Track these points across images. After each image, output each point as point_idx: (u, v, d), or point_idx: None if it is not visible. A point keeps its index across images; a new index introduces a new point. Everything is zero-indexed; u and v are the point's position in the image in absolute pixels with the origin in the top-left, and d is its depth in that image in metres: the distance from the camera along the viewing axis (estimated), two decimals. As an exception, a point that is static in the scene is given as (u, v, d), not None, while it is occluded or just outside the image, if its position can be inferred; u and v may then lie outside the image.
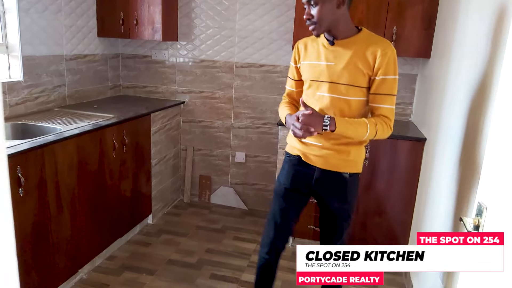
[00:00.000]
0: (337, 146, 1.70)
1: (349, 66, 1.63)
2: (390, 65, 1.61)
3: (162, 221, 3.34)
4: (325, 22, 1.60)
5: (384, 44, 1.63)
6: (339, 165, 1.74)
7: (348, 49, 1.64)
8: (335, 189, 1.77)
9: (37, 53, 2.70)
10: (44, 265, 2.11)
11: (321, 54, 1.70)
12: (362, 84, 1.64)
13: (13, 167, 1.84)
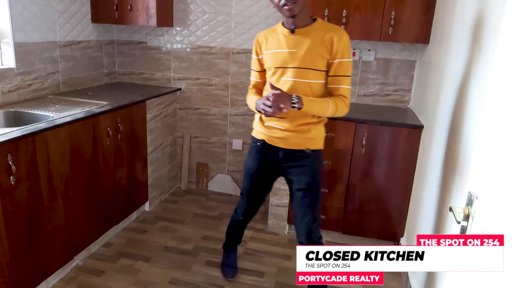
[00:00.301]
0: (297, 127, 1.88)
1: (310, 52, 1.80)
2: (345, 49, 1.80)
3: (159, 208, 3.34)
4: (301, 2, 1.74)
5: (339, 31, 1.83)
6: (301, 143, 1.91)
7: (308, 37, 1.81)
8: (300, 165, 1.94)
9: (29, 40, 2.66)
10: (39, 252, 2.11)
11: (282, 43, 1.85)
12: (322, 67, 1.82)
13: (3, 155, 1.82)
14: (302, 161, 1.93)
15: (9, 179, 1.86)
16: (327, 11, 2.76)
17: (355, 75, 3.15)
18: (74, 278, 2.38)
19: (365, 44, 3.06)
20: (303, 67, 1.81)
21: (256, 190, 2.17)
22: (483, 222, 0.96)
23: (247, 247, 2.79)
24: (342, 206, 2.81)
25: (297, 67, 1.82)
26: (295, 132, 1.89)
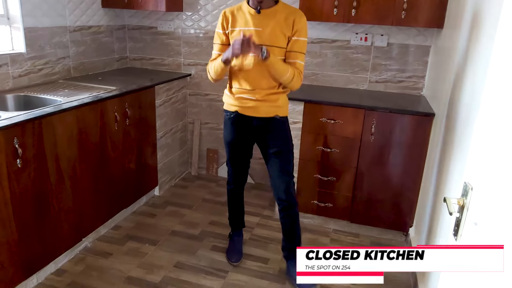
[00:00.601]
0: (267, 96, 2.09)
1: (274, 31, 2.00)
2: (303, 29, 2.03)
3: (169, 193, 3.37)
4: None
5: (299, 12, 2.06)
6: (271, 111, 2.13)
7: (272, 17, 2.01)
8: (272, 130, 2.16)
9: (39, 25, 2.68)
10: (47, 233, 2.16)
11: (249, 21, 2.04)
12: (283, 45, 2.02)
13: (9, 139, 1.86)
14: (274, 127, 2.15)
15: (15, 162, 1.90)
16: (337, -6, 2.68)
17: (367, 60, 3.07)
18: (83, 259, 2.43)
19: (378, 29, 2.97)
20: (268, 44, 1.99)
21: (238, 157, 2.34)
22: (476, 213, 0.92)
23: (254, 233, 2.80)
24: (350, 195, 2.78)
25: (262, 44, 1.98)
26: (265, 101, 2.10)
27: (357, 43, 3.06)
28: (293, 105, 2.73)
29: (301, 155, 2.81)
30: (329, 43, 3.13)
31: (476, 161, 0.98)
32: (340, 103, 2.64)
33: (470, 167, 0.99)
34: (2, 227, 1.88)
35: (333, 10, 2.71)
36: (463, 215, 0.96)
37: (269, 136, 2.17)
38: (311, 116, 2.71)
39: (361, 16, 2.69)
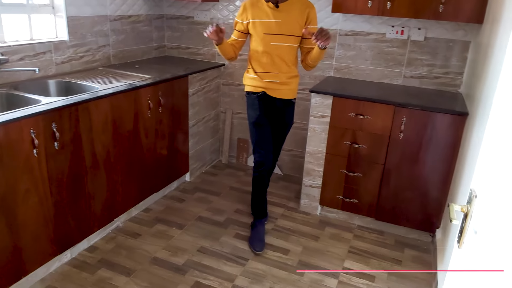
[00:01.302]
0: (287, 80, 2.45)
1: (291, 21, 2.34)
2: (315, 19, 2.40)
3: (199, 179, 3.48)
4: None
5: (310, 4, 2.38)
6: (288, 94, 2.50)
7: (289, 10, 2.34)
8: (287, 111, 2.56)
9: (81, 14, 2.83)
10: (81, 212, 2.32)
11: (269, 14, 2.35)
12: (299, 34, 2.37)
13: (48, 123, 2.00)
14: (289, 108, 2.55)
15: (53, 145, 2.05)
16: (373, -14, 2.61)
17: (402, 55, 2.99)
18: (114, 238, 2.59)
19: (415, 22, 2.87)
20: (286, 33, 2.35)
21: (265, 136, 2.53)
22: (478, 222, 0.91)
23: (277, 224, 2.84)
24: (377, 192, 2.74)
25: (282, 33, 2.35)
26: (285, 84, 2.46)
27: (393, 36, 2.97)
28: (321, 99, 2.72)
29: (328, 149, 2.80)
30: (364, 36, 3.06)
31: (483, 168, 0.96)
32: (369, 98, 2.60)
33: (477, 174, 0.97)
34: (40, 204, 2.04)
35: (368, 2, 2.66)
36: (466, 223, 0.95)
37: (284, 115, 2.56)
38: (340, 110, 2.69)
39: (396, 9, 2.61)
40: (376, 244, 2.68)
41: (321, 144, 2.82)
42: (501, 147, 0.89)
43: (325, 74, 3.27)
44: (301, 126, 3.46)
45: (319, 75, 3.28)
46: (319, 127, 2.79)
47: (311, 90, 2.75)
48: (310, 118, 2.80)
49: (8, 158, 1.83)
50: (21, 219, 1.96)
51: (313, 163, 2.88)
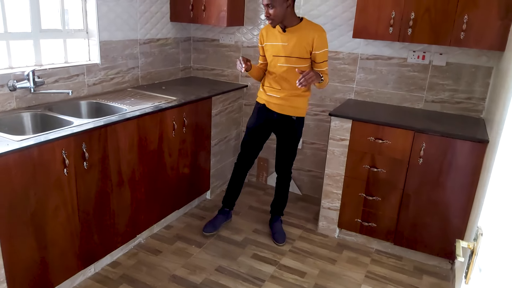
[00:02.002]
0: (288, 97, 2.63)
1: (297, 45, 2.51)
2: (323, 43, 2.52)
3: (219, 197, 3.55)
4: (278, 18, 2.46)
5: (319, 29, 2.52)
6: (289, 111, 2.67)
7: (295, 34, 2.51)
8: (286, 127, 2.71)
9: (113, 38, 2.99)
10: (106, 228, 2.42)
11: (278, 38, 2.57)
12: (306, 56, 2.54)
13: (79, 143, 2.12)
14: (289, 124, 2.70)
15: (83, 164, 2.17)
16: (393, 13, 2.66)
17: (423, 79, 3.00)
18: (135, 254, 2.67)
19: (437, 47, 2.89)
20: (292, 56, 2.54)
21: (252, 142, 2.84)
22: (483, 260, 0.93)
23: (294, 246, 2.87)
24: (395, 216, 2.74)
25: (288, 56, 2.55)
26: (285, 100, 2.63)
27: (414, 61, 3.00)
28: (341, 122, 2.76)
29: (347, 172, 2.82)
30: (385, 60, 3.10)
31: (491, 204, 0.98)
32: (388, 123, 2.62)
33: (484, 210, 0.99)
34: (67, 221, 2.15)
35: (389, 28, 2.70)
36: (472, 260, 0.97)
37: (283, 129, 2.73)
38: (359, 134, 2.72)
39: (417, 36, 2.65)
40: (394, 270, 2.66)
41: (340, 167, 2.84)
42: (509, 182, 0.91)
43: (346, 96, 3.30)
44: (321, 147, 3.50)
45: (340, 98, 3.32)
46: (338, 150, 2.82)
47: (330, 113, 2.79)
48: (330, 141, 2.84)
49: (41, 177, 1.96)
50: (50, 235, 2.07)
51: (332, 185, 2.90)
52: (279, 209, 3.01)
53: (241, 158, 2.93)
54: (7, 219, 1.84)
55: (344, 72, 3.26)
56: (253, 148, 2.88)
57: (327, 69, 2.60)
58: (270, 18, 2.46)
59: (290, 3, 2.45)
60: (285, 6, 2.43)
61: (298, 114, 2.69)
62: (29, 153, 1.88)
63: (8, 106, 2.36)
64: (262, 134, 2.84)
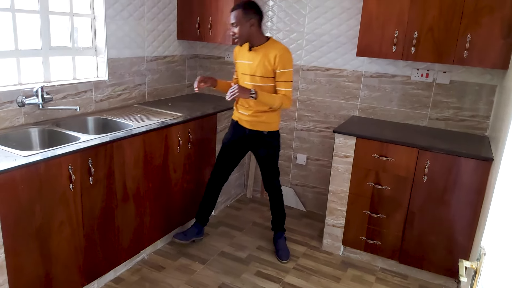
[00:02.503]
0: (256, 114, 2.68)
1: (260, 63, 2.55)
2: (285, 63, 2.52)
3: (223, 213, 3.55)
4: (243, 37, 2.54)
5: (282, 48, 2.55)
6: (259, 126, 2.71)
7: (260, 53, 2.56)
8: (259, 142, 2.76)
9: (121, 56, 3.05)
10: (109, 244, 2.43)
11: (245, 56, 2.64)
12: (269, 75, 2.56)
13: (85, 159, 2.15)
14: (261, 138, 2.73)
15: (88, 180, 2.19)
16: (397, 32, 2.70)
17: (427, 97, 3.01)
18: (139, 270, 2.67)
19: (440, 65, 2.91)
20: (256, 74, 2.59)
21: (227, 157, 2.89)
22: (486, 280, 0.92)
23: (298, 263, 2.85)
24: (400, 234, 2.72)
25: (252, 74, 2.60)
26: (255, 117, 2.68)
27: (417, 79, 3.02)
28: (345, 139, 2.77)
29: (351, 189, 2.82)
30: (389, 78, 3.12)
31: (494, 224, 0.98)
32: (392, 140, 2.62)
33: (488, 230, 0.99)
34: (72, 236, 2.16)
35: (392, 47, 2.73)
36: (475, 280, 0.97)
37: (257, 144, 2.78)
38: (363, 151, 2.73)
39: (420, 54, 2.67)
40: (399, 289, 2.63)
41: (345, 184, 2.84)
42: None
43: (350, 113, 3.32)
44: (325, 163, 3.50)
45: (344, 115, 3.34)
46: (343, 167, 2.83)
47: (334, 130, 2.81)
48: (334, 158, 2.85)
49: (47, 192, 1.98)
50: (54, 250, 2.08)
51: (336, 202, 2.90)
52: (279, 225, 2.99)
53: (214, 174, 2.95)
54: (13, 233, 1.86)
55: (348, 89, 3.29)
56: (227, 164, 2.91)
57: (286, 91, 2.56)
58: (234, 37, 2.54)
59: (254, 22, 2.50)
60: (248, 25, 2.49)
61: (269, 129, 2.72)
62: (36, 169, 1.91)
63: (17, 121, 2.40)
64: (236, 151, 2.87)
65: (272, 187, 2.89)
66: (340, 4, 3.18)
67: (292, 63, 2.58)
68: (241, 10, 2.48)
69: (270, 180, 2.87)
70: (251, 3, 2.52)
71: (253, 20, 2.49)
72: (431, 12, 2.59)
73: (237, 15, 2.48)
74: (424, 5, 2.60)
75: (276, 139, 2.79)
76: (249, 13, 2.48)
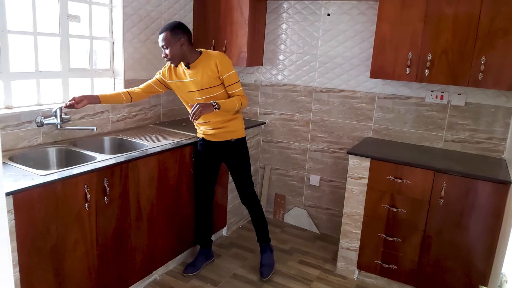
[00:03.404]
0: (220, 125, 2.67)
1: (204, 76, 2.55)
2: (226, 66, 2.55)
3: (236, 234, 3.52)
4: (176, 57, 2.52)
5: (218, 55, 2.57)
6: (225, 136, 2.71)
7: (199, 67, 2.56)
8: (229, 150, 2.75)
9: (137, 77, 3.11)
10: (122, 264, 2.42)
11: (186, 75, 2.61)
12: (217, 83, 2.58)
13: (101, 179, 2.17)
14: (230, 147, 2.73)
15: (103, 199, 2.21)
16: (410, 54, 2.71)
17: (442, 119, 2.99)
18: (150, 291, 2.65)
19: (455, 87, 2.90)
20: (204, 87, 2.57)
21: (203, 174, 2.88)
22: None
23: (312, 286, 2.79)
24: (417, 259, 2.66)
25: (200, 88, 2.58)
26: (220, 128, 2.69)
27: (432, 100, 3.00)
28: (359, 161, 2.75)
29: (365, 212, 2.78)
30: (403, 100, 3.12)
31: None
32: (408, 162, 2.60)
33: (508, 257, 0.97)
34: (86, 255, 2.17)
35: (406, 69, 2.74)
36: (498, 309, 0.94)
37: (226, 155, 2.77)
38: (378, 173, 2.70)
39: (434, 76, 2.67)
40: (416, 315, 2.55)
41: (359, 206, 2.81)
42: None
43: (364, 135, 3.31)
44: (339, 185, 3.47)
45: (358, 136, 3.33)
46: (357, 189, 2.80)
47: (349, 151, 2.80)
48: (348, 179, 2.82)
49: (62, 211, 2.00)
50: (68, 269, 2.08)
51: (350, 224, 2.86)
52: (264, 236, 2.96)
53: (198, 195, 2.93)
54: (28, 252, 1.87)
55: (361, 110, 3.29)
56: (206, 181, 2.89)
57: (239, 91, 2.61)
58: (168, 59, 2.52)
59: (184, 41, 2.49)
60: (179, 45, 2.48)
61: (236, 136, 2.73)
62: (53, 188, 1.94)
63: (35, 141, 2.45)
64: (210, 166, 2.85)
65: (250, 197, 2.86)
66: (353, 27, 3.21)
67: (231, 64, 2.59)
68: (168, 32, 2.46)
69: (246, 190, 2.84)
70: (178, 24, 2.51)
71: (182, 39, 2.48)
72: (444, 35, 2.60)
73: (166, 37, 2.46)
74: (437, 28, 2.62)
75: (245, 145, 2.80)
76: (177, 33, 2.47)
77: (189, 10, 3.52)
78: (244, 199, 2.87)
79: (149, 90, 2.74)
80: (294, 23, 3.47)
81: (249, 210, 2.91)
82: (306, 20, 3.41)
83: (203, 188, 2.90)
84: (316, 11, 3.35)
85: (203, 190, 2.91)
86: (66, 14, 2.61)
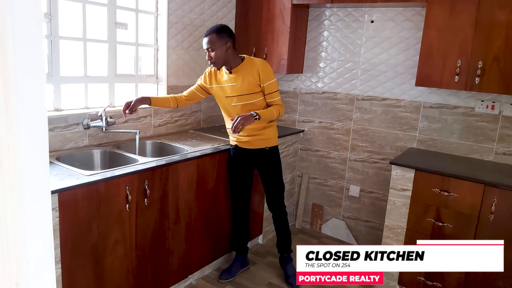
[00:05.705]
0: (254, 132, 2.65)
1: (245, 82, 2.54)
2: (268, 75, 2.54)
3: (271, 242, 3.48)
4: (220, 60, 2.51)
5: (261, 63, 2.56)
6: (259, 144, 2.69)
7: (240, 72, 2.55)
8: (263, 158, 2.73)
9: (180, 84, 3.17)
10: (159, 266, 2.45)
11: (226, 80, 2.60)
12: (256, 90, 2.56)
13: (142, 181, 2.22)
14: (263, 156, 2.71)
15: (143, 201, 2.25)
16: (459, 61, 2.59)
17: (493, 130, 2.83)
18: (186, 295, 2.66)
19: (507, 97, 2.74)
20: (243, 93, 2.56)
21: (239, 182, 2.85)
22: None
23: (350, 300, 2.70)
24: (463, 277, 2.50)
25: (239, 94, 2.56)
26: (254, 136, 2.67)
27: (482, 111, 2.85)
28: (403, 172, 2.65)
29: (408, 225, 2.66)
30: (450, 109, 2.98)
31: None
32: (455, 175, 2.47)
33: None
34: (125, 256, 2.21)
35: (454, 77, 2.62)
36: None
37: (261, 162, 2.75)
38: (422, 185, 2.58)
39: (485, 85, 2.53)
40: None
41: (402, 219, 2.69)
42: None
43: (408, 145, 3.19)
44: (380, 196, 3.36)
45: (401, 146, 3.21)
46: (400, 201, 2.69)
47: (391, 162, 2.70)
48: (390, 191, 2.72)
49: (104, 211, 2.05)
50: (108, 268, 2.13)
51: (392, 238, 2.74)
52: (286, 247, 2.93)
53: (234, 203, 2.92)
54: (71, 250, 1.93)
55: (405, 120, 3.17)
56: (242, 189, 2.86)
57: (279, 99, 2.60)
58: (212, 62, 2.50)
59: (229, 45, 2.47)
60: (224, 48, 2.46)
61: (270, 144, 2.71)
62: (96, 188, 1.99)
63: (81, 142, 2.55)
64: (244, 173, 2.82)
65: (278, 205, 2.83)
66: (398, 34, 3.12)
67: (273, 73, 2.58)
68: (215, 34, 2.44)
69: (276, 197, 2.82)
70: (224, 27, 2.49)
71: (228, 43, 2.47)
72: (496, 41, 2.47)
73: (212, 40, 2.43)
74: (489, 34, 2.49)
75: (278, 153, 2.79)
76: (223, 37, 2.45)
77: (231, 19, 3.56)
78: (272, 206, 2.85)
79: (192, 97, 2.76)
80: (336, 30, 3.42)
81: (275, 217, 2.89)
82: (348, 27, 3.35)
83: (239, 194, 2.89)
84: (359, 18, 3.29)
85: (239, 196, 2.89)
86: (114, 22, 2.71)
